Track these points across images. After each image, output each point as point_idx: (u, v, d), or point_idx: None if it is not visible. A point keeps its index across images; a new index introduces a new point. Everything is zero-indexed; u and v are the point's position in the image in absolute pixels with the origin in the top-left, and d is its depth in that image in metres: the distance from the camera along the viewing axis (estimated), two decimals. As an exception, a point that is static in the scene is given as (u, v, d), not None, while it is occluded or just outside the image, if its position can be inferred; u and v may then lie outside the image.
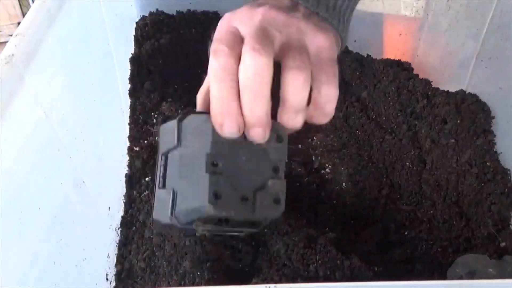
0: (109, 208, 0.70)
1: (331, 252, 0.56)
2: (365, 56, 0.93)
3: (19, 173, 0.51)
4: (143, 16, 0.90)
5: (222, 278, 0.58)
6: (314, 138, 0.89)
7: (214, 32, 0.43)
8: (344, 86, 0.90)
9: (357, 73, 0.89)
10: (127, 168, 0.76)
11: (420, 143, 0.79)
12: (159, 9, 0.91)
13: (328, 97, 0.40)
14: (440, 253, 0.66)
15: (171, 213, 0.40)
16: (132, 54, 0.84)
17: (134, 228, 0.69)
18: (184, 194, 0.39)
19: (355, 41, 0.94)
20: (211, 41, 0.41)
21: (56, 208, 0.57)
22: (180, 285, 0.57)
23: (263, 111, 0.37)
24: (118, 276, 0.65)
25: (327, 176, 0.84)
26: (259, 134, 0.38)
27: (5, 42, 0.70)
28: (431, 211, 0.72)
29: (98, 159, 0.71)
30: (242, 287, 0.54)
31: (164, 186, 0.41)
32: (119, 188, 0.74)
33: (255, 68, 0.36)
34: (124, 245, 0.69)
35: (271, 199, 0.40)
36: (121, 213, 0.72)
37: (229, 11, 0.46)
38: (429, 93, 0.83)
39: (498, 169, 0.68)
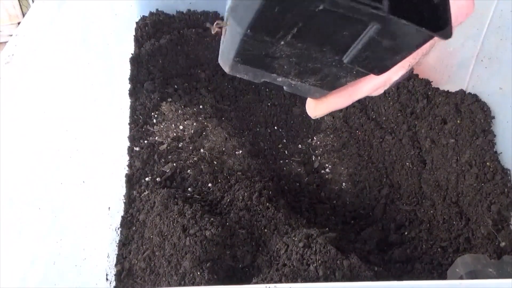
0: (109, 208, 0.70)
1: (330, 252, 0.56)
2: (365, 56, 0.92)
3: (19, 173, 0.51)
4: (143, 16, 0.90)
5: (222, 278, 0.58)
6: (314, 138, 0.89)
7: None
8: (344, 86, 0.90)
9: (357, 73, 0.89)
10: (127, 168, 0.76)
11: (420, 143, 0.80)
12: (159, 9, 0.91)
13: None
14: (440, 253, 0.66)
15: None
16: (132, 54, 0.84)
17: (134, 228, 0.69)
18: None
19: (355, 41, 0.93)
20: None
21: (56, 208, 0.57)
22: (180, 285, 0.57)
23: None
24: (118, 276, 0.65)
25: (327, 176, 0.84)
26: None
27: (5, 42, 0.70)
28: (431, 211, 0.72)
29: (98, 159, 0.71)
30: (242, 287, 0.54)
31: None
32: (119, 188, 0.74)
33: None
34: (124, 245, 0.69)
35: None
36: (121, 213, 0.72)
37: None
38: (429, 93, 0.83)
39: (498, 169, 0.68)
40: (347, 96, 0.37)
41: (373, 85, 0.36)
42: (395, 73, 0.35)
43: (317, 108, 0.40)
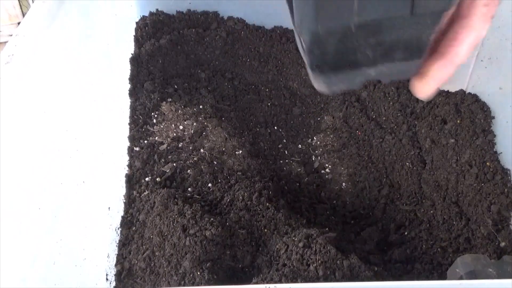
0: (109, 208, 0.71)
1: (330, 252, 0.56)
2: (365, 56, 0.93)
3: (19, 173, 0.51)
4: (143, 16, 0.90)
5: (222, 278, 0.58)
6: (314, 138, 0.89)
7: None
8: (344, 86, 0.90)
9: (357, 73, 0.89)
10: (127, 168, 0.76)
11: (420, 143, 0.80)
12: (159, 9, 0.91)
13: None
14: (440, 253, 0.66)
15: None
16: (132, 54, 0.84)
17: (134, 228, 0.69)
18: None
19: (355, 41, 0.93)
20: None
21: (56, 208, 0.57)
22: (180, 285, 0.57)
23: None
24: (118, 276, 0.65)
25: (327, 176, 0.84)
26: None
27: (5, 42, 0.70)
28: (431, 211, 0.72)
29: (98, 159, 0.71)
30: (242, 287, 0.54)
31: None
32: (119, 188, 0.74)
33: None
34: (124, 245, 0.69)
35: None
36: (121, 213, 0.72)
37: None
38: (429, 93, 0.83)
39: (498, 169, 0.68)
40: (449, 63, 0.36)
41: (468, 44, 0.35)
42: (483, 27, 0.35)
43: (425, 87, 0.38)
